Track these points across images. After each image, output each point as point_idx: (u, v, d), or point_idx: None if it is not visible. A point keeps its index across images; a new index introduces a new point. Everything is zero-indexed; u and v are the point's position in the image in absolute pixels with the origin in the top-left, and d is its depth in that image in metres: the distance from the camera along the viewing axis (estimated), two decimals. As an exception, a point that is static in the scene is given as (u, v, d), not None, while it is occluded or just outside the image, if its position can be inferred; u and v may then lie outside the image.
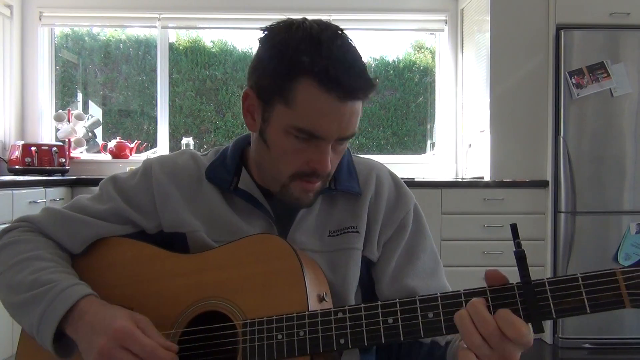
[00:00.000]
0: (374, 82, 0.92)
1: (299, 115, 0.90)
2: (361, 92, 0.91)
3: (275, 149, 0.96)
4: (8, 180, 3.06)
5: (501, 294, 0.77)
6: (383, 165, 1.14)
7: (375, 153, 4.50)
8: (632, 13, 3.48)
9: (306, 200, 0.99)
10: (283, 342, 0.85)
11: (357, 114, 0.94)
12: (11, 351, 2.82)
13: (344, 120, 0.91)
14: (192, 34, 4.57)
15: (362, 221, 1.05)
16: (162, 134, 4.37)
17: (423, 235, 1.09)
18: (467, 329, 0.74)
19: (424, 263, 1.06)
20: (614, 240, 3.40)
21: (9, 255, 0.99)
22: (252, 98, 0.97)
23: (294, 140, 0.93)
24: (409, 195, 1.10)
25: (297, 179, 0.96)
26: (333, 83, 0.87)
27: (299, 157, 0.94)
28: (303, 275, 0.89)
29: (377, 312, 0.82)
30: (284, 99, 0.91)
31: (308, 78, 0.88)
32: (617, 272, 0.71)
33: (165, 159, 1.11)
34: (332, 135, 0.92)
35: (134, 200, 1.06)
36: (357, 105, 0.92)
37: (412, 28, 4.50)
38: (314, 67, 0.87)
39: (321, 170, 0.95)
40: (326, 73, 0.87)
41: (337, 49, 0.89)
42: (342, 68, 0.88)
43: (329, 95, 0.88)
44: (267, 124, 0.95)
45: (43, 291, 0.91)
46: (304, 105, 0.89)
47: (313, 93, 0.88)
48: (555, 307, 0.74)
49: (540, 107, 3.56)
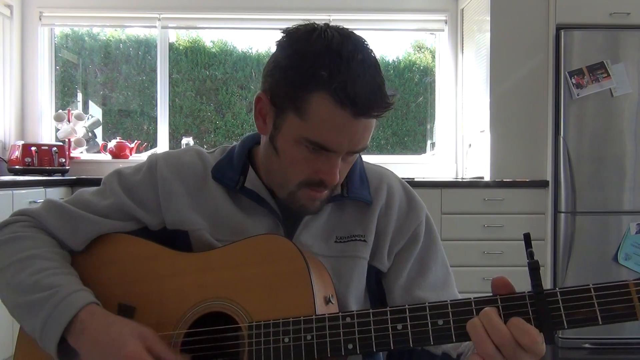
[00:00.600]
0: (391, 100, 0.91)
1: (311, 127, 0.90)
2: (376, 111, 0.90)
3: (284, 157, 0.95)
4: (8, 180, 3.05)
5: (513, 302, 0.76)
6: (394, 174, 1.13)
7: (375, 153, 4.51)
8: (632, 13, 3.48)
9: (312, 207, 0.99)
10: (290, 345, 0.84)
11: (370, 130, 0.93)
12: (11, 351, 2.80)
13: (356, 136, 0.91)
14: (192, 34, 4.56)
15: (370, 231, 1.04)
16: (162, 134, 4.36)
17: (435, 246, 1.08)
18: (480, 337, 0.74)
19: (435, 275, 1.05)
20: (614, 240, 3.40)
21: (10, 252, 0.98)
22: (265, 102, 0.96)
23: (304, 150, 0.92)
24: (421, 205, 1.09)
25: (305, 187, 0.96)
26: (349, 100, 0.86)
27: (308, 166, 0.94)
28: (310, 277, 0.88)
29: (386, 318, 0.81)
30: (297, 109, 0.90)
31: (324, 92, 0.87)
32: (630, 283, 0.71)
33: (170, 155, 1.10)
34: (343, 150, 0.92)
35: (138, 196, 1.05)
36: (370, 122, 0.92)
37: (412, 28, 4.49)
38: (331, 83, 0.86)
39: (329, 182, 0.94)
40: (343, 90, 0.86)
41: (357, 64, 0.88)
42: (359, 86, 0.87)
43: (344, 112, 0.87)
44: (278, 132, 0.95)
45: (45, 297, 0.90)
46: (317, 119, 0.89)
47: (327, 107, 0.87)
48: (567, 317, 0.74)
49: (540, 107, 3.56)
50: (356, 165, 1.07)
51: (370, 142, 0.97)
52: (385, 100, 0.90)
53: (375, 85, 0.89)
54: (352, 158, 0.98)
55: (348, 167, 0.99)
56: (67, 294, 0.91)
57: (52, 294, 0.90)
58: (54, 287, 0.91)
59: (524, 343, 0.72)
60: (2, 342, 2.78)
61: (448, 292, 1.05)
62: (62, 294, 0.90)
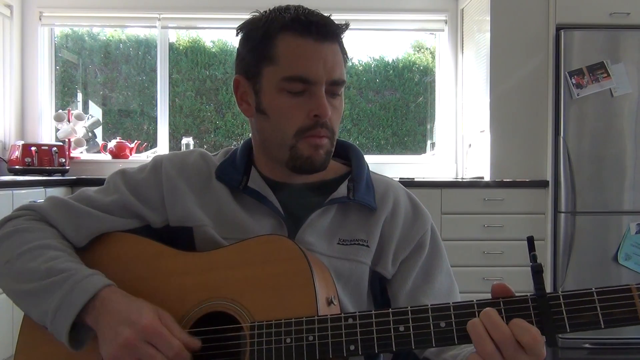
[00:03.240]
0: (345, 22, 1.02)
1: (285, 66, 0.97)
2: (335, 30, 0.99)
3: (273, 112, 1.00)
4: (8, 180, 3.05)
5: (515, 305, 0.77)
6: (400, 184, 1.15)
7: (375, 153, 4.50)
8: (632, 13, 3.48)
9: (318, 158, 1.01)
10: (292, 346, 0.84)
11: (339, 57, 1.00)
12: (11, 351, 2.82)
13: (327, 61, 0.97)
14: (192, 33, 4.56)
15: (374, 237, 1.05)
16: (162, 134, 4.36)
17: (440, 255, 1.09)
18: (479, 335, 0.74)
19: (440, 283, 1.06)
20: (614, 240, 3.40)
21: (16, 244, 0.98)
22: (242, 82, 1.04)
23: (288, 96, 0.98)
24: (426, 215, 1.11)
25: (303, 137, 0.99)
26: (307, 27, 0.96)
27: (298, 111, 0.98)
28: (312, 278, 0.88)
29: (388, 320, 0.81)
30: (268, 59, 0.98)
31: (284, 31, 0.97)
32: (633, 287, 0.71)
33: (175, 156, 1.12)
34: (320, 77, 0.97)
35: (142, 193, 1.06)
36: (334, 47, 0.99)
37: (412, 28, 4.49)
38: (288, 22, 0.97)
39: (322, 115, 0.98)
40: (300, 21, 0.97)
41: (302, 7, 1.00)
42: (312, 15, 0.98)
43: (307, 40, 0.96)
44: (260, 94, 1.01)
45: (60, 279, 0.91)
46: (286, 55, 0.97)
47: (292, 41, 0.97)
48: (570, 320, 0.74)
49: (540, 107, 3.56)
50: (363, 172, 1.09)
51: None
52: (339, 24, 1.00)
53: (324, 16, 1.01)
54: (337, 102, 1.02)
55: (337, 113, 1.03)
56: (85, 275, 0.92)
57: (67, 276, 0.91)
58: (71, 270, 0.92)
59: (525, 341, 0.72)
60: (2, 342, 2.78)
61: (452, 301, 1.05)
62: (80, 275, 0.91)
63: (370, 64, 4.63)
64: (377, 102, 4.62)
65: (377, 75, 4.63)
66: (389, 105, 4.62)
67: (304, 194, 1.07)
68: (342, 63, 1.01)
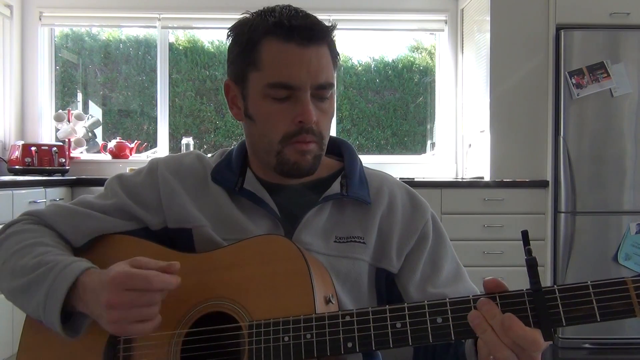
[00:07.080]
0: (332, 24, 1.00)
1: (269, 72, 0.96)
2: (319, 34, 0.97)
3: (259, 118, 1.00)
4: (8, 180, 3.05)
5: (511, 300, 0.76)
6: (394, 178, 1.14)
7: (375, 153, 4.50)
8: (632, 13, 3.48)
9: (305, 163, 1.00)
10: (290, 344, 0.84)
11: (325, 60, 0.98)
12: (11, 351, 2.82)
13: (311, 65, 0.96)
14: (190, 34, 4.56)
15: (370, 234, 1.05)
16: (162, 134, 4.36)
17: (444, 243, 1.09)
18: (479, 325, 0.75)
19: (448, 272, 1.06)
20: (614, 240, 3.40)
21: (12, 244, 0.99)
22: (232, 86, 1.04)
23: (273, 102, 0.97)
24: (424, 204, 1.10)
25: (289, 142, 0.99)
26: (290, 32, 0.94)
27: (283, 117, 0.98)
28: (310, 277, 0.88)
29: (385, 317, 0.81)
30: (253, 65, 0.97)
31: (268, 37, 0.96)
32: (628, 280, 0.71)
33: (171, 158, 1.13)
34: (303, 82, 0.96)
35: (139, 196, 1.07)
36: (320, 50, 0.97)
37: (411, 28, 4.49)
38: (271, 26, 0.95)
39: (306, 121, 0.97)
40: (282, 26, 0.95)
41: (289, 9, 0.98)
42: (295, 19, 0.96)
43: (290, 44, 0.95)
44: (247, 100, 1.01)
45: (46, 270, 0.91)
46: (270, 61, 0.96)
47: (275, 47, 0.96)
48: (566, 314, 0.74)
49: (540, 107, 3.56)
50: (356, 168, 1.09)
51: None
52: (323, 25, 0.98)
53: (310, 17, 0.98)
54: (324, 106, 1.01)
55: (325, 117, 1.02)
56: (68, 263, 0.92)
57: (52, 266, 0.91)
58: (56, 261, 0.92)
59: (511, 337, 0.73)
60: (2, 342, 2.78)
61: (463, 284, 1.06)
62: (64, 263, 0.91)
63: (370, 64, 4.63)
64: (377, 103, 4.62)
65: (376, 75, 4.63)
66: (389, 105, 4.62)
67: (300, 193, 1.07)
68: (330, 65, 0.99)
